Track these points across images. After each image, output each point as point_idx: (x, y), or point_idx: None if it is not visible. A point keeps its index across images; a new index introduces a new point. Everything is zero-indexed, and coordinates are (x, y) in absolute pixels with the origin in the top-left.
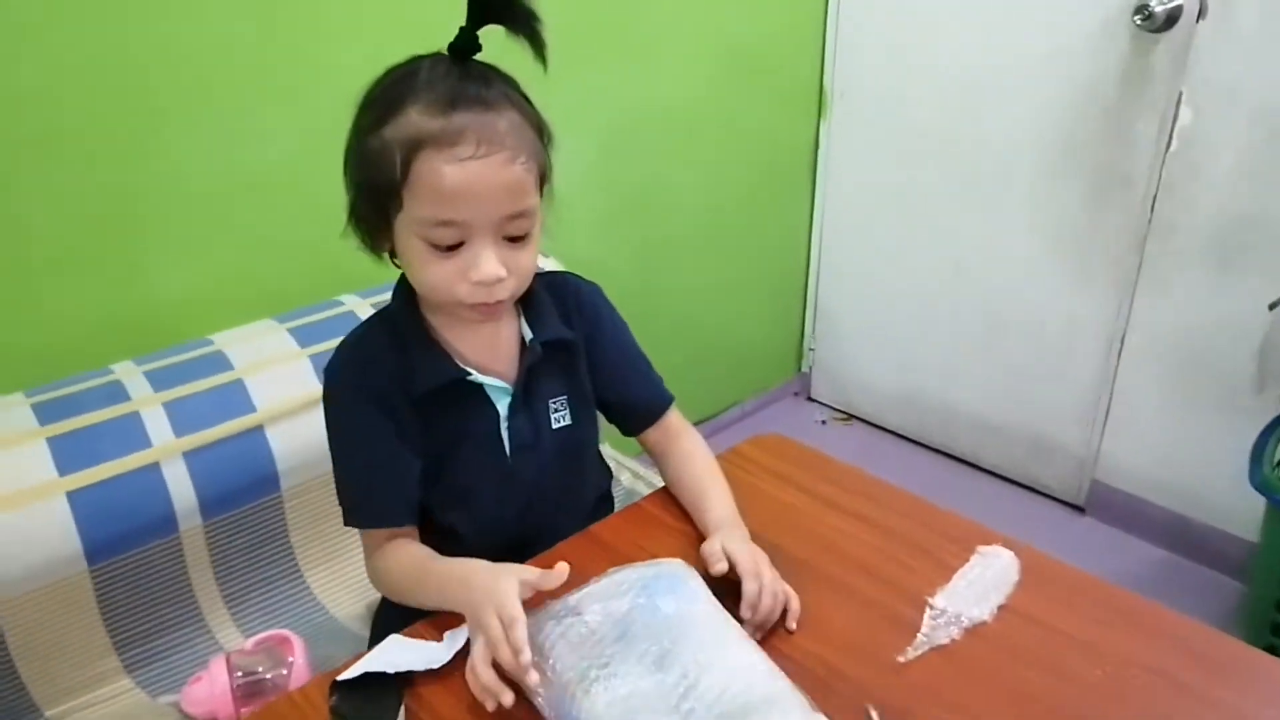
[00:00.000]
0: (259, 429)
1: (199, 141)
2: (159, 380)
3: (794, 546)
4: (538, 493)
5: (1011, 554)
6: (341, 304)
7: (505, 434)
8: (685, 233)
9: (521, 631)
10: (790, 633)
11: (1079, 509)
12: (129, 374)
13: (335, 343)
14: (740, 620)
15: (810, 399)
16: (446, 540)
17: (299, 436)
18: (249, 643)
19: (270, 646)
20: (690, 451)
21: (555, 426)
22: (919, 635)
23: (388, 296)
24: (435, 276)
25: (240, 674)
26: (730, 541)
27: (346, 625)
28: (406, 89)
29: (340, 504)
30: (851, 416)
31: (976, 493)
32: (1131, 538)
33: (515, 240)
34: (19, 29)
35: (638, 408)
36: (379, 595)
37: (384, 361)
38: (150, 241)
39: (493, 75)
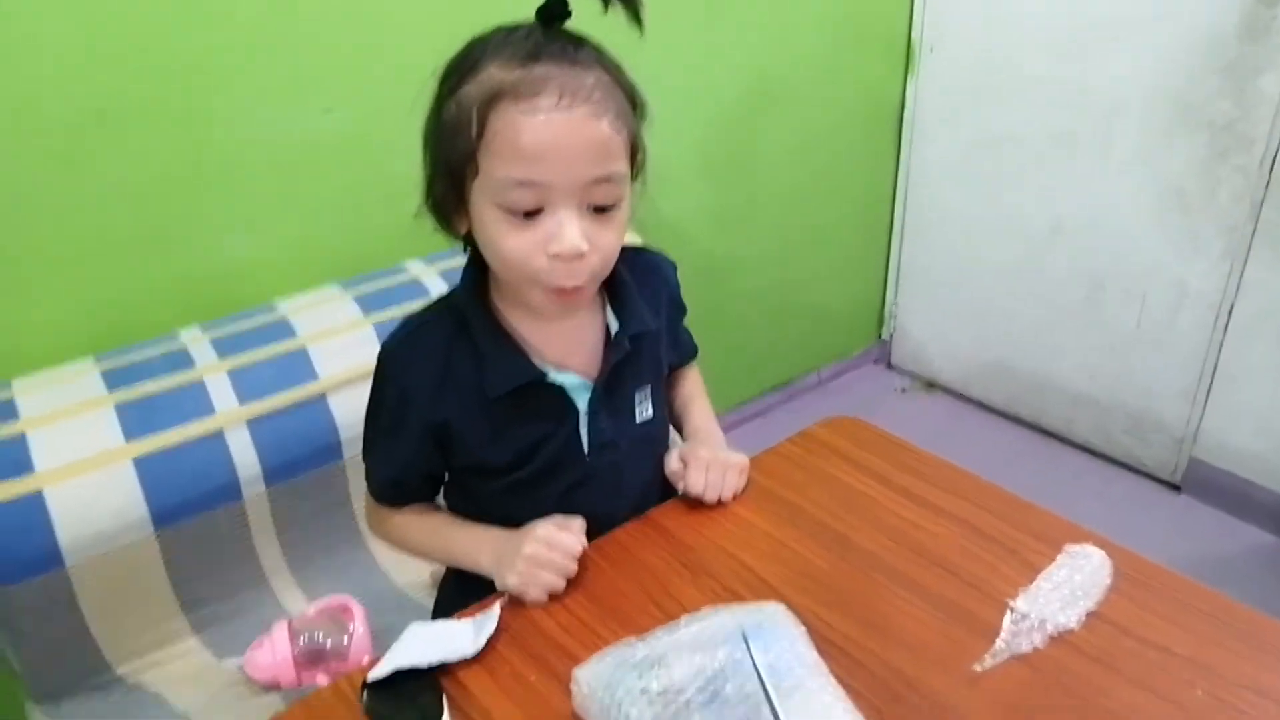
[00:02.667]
0: (322, 397)
1: (266, 107)
2: (224, 348)
3: (865, 539)
4: (613, 490)
5: (1103, 554)
6: (406, 270)
7: (585, 433)
8: (766, 193)
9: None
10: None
11: (1175, 488)
12: (195, 340)
13: (399, 310)
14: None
15: (890, 366)
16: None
17: (363, 404)
18: (311, 608)
19: (333, 612)
20: (683, 375)
21: (639, 420)
22: (998, 642)
23: (453, 262)
24: (512, 248)
25: (301, 640)
26: (689, 449)
27: (407, 593)
28: (485, 49)
29: (366, 476)
30: (933, 385)
31: (1065, 467)
32: (1231, 519)
33: (601, 211)
34: None
35: (675, 364)
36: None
37: (438, 364)
38: (217, 207)
39: (581, 38)
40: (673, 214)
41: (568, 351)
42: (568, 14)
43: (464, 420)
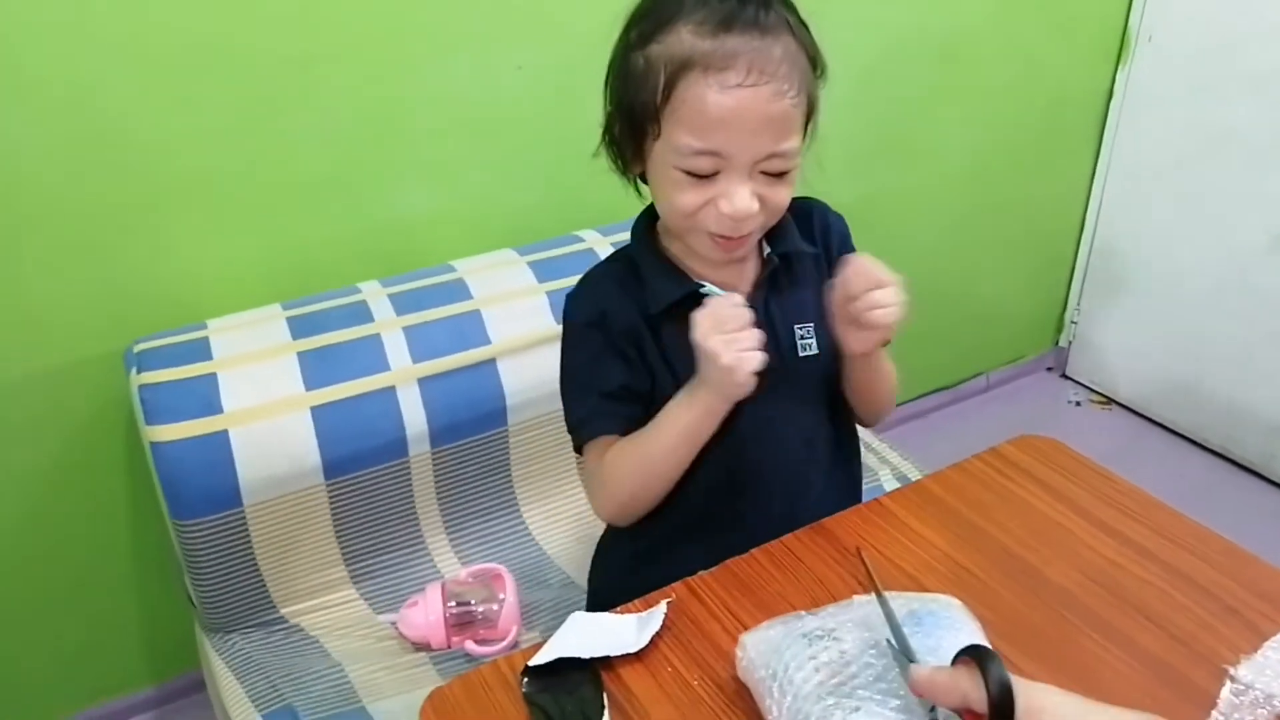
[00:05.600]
0: (492, 362)
1: (458, 62)
2: (401, 304)
3: (1058, 574)
4: (778, 424)
5: None
6: (581, 240)
7: None
8: (943, 179)
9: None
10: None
11: None
12: (375, 295)
13: (573, 279)
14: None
15: (1065, 376)
16: None
17: (530, 372)
18: (464, 573)
19: (485, 578)
20: None
21: (802, 354)
22: (1214, 715)
23: (626, 235)
24: (684, 202)
25: (454, 603)
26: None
27: (557, 563)
28: (678, 4)
29: (569, 429)
30: (1111, 401)
31: (1258, 505)
32: None
33: (773, 175)
34: None
35: None
36: (595, 540)
37: (614, 288)
38: (403, 161)
39: (774, 2)
40: (838, 194)
41: (725, 278)
42: None
43: (641, 344)
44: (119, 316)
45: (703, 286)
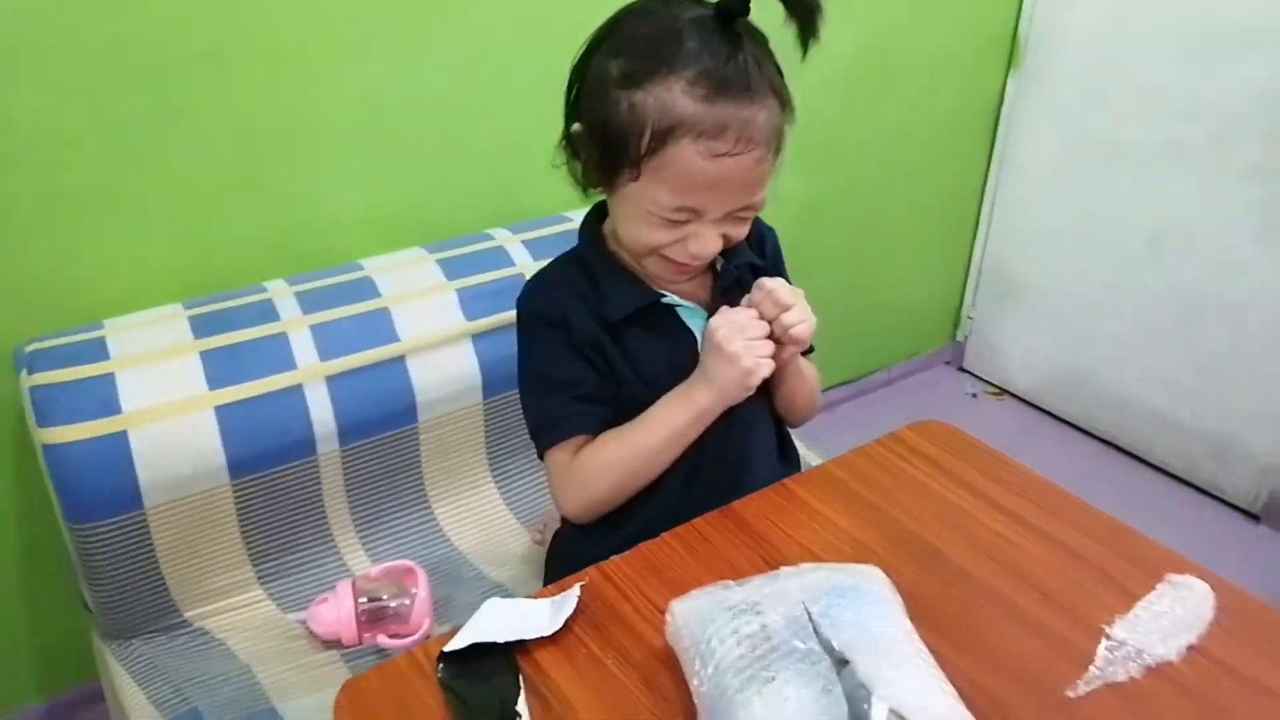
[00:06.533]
0: (401, 359)
1: (366, 69)
2: (309, 302)
3: (956, 552)
4: (732, 417)
5: (1206, 587)
6: (492, 238)
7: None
8: (849, 182)
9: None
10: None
11: (1254, 517)
12: (281, 293)
13: (483, 277)
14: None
15: (962, 369)
16: None
17: (440, 370)
18: (375, 570)
19: (396, 575)
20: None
21: None
22: (1092, 669)
23: (538, 232)
24: (653, 240)
25: (365, 599)
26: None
27: (469, 559)
28: (671, 53)
29: (531, 433)
30: (1004, 392)
31: (1139, 489)
32: None
33: (738, 219)
34: None
35: None
36: (507, 532)
37: (572, 292)
38: (313, 160)
39: (760, 52)
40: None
41: (681, 286)
42: (747, 10)
43: (603, 350)
44: (8, 317)
45: (664, 296)
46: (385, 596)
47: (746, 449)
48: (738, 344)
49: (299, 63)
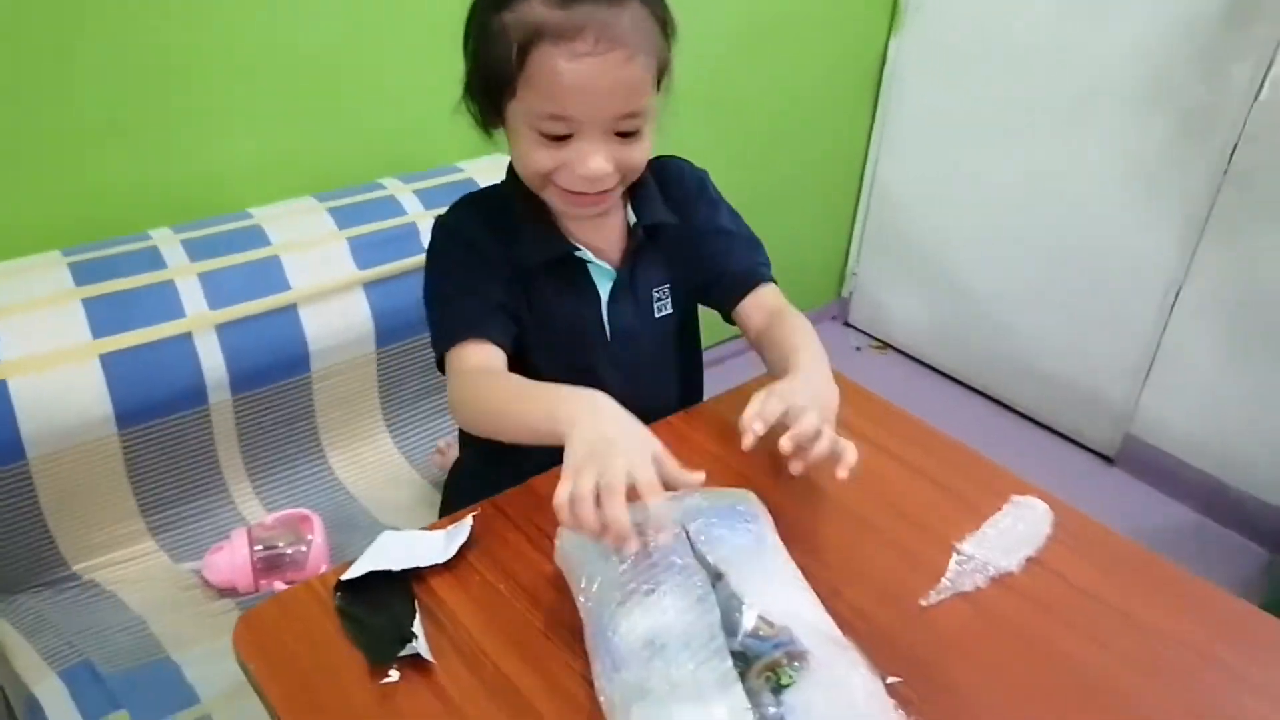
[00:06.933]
0: (292, 308)
1: (250, 13)
2: (196, 250)
3: (824, 480)
4: (636, 377)
5: (1046, 507)
6: (383, 187)
7: (606, 317)
8: (741, 136)
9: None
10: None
11: (1109, 460)
12: (167, 241)
13: (374, 226)
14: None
15: (847, 324)
16: None
17: (333, 318)
18: (270, 518)
19: (291, 522)
20: (791, 325)
21: (658, 315)
22: (943, 580)
23: (430, 182)
24: (538, 161)
25: (260, 547)
26: (785, 383)
27: (365, 507)
28: None
29: (433, 340)
30: (887, 346)
31: (1007, 435)
32: (1160, 495)
33: (625, 136)
34: None
35: (730, 278)
36: (401, 483)
37: (486, 228)
38: (195, 110)
39: None
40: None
41: (597, 240)
42: None
43: (512, 289)
44: None
45: (577, 250)
46: (281, 544)
47: (651, 400)
48: (586, 476)
49: (178, 7)
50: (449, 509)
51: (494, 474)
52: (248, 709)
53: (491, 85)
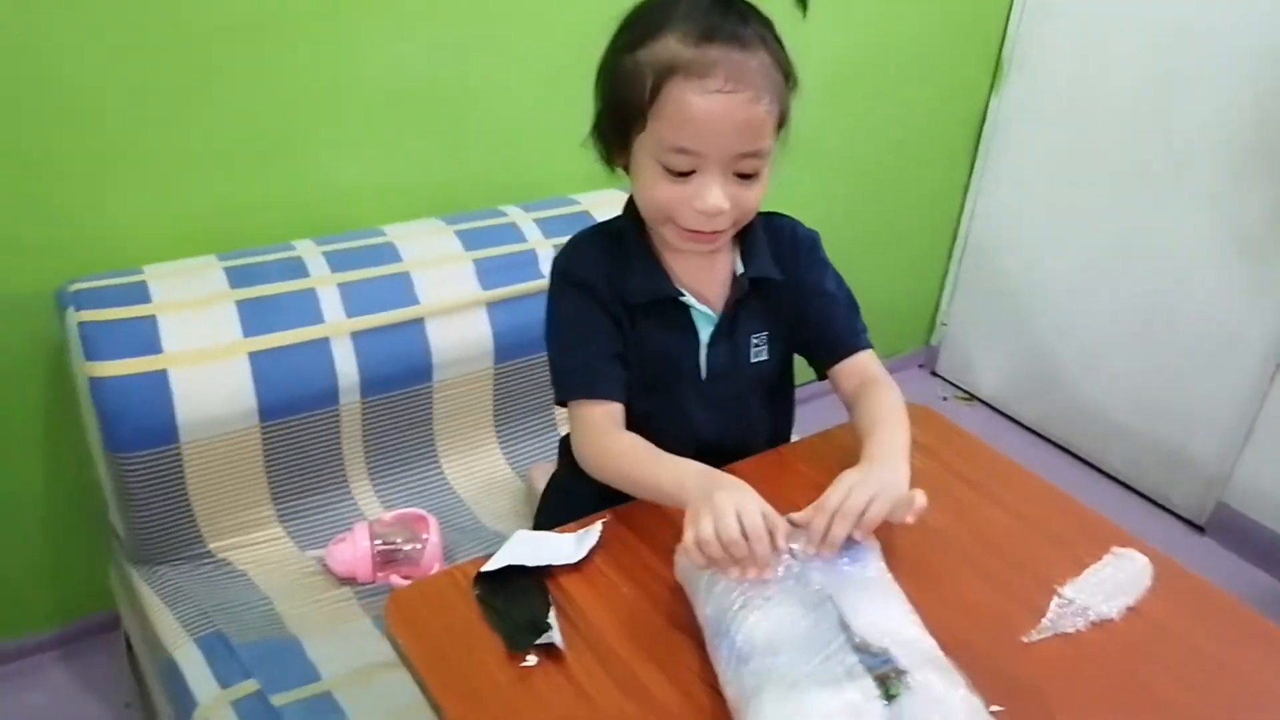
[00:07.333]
0: (420, 321)
1: (392, 44)
2: (336, 262)
3: (931, 515)
4: (726, 416)
5: (1146, 559)
6: (505, 214)
7: (704, 360)
8: (836, 178)
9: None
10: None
11: (1199, 528)
12: (310, 252)
13: (497, 250)
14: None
15: (934, 373)
16: None
17: (456, 334)
18: (388, 515)
19: (408, 521)
20: (880, 397)
21: (753, 360)
22: (1044, 620)
23: (548, 212)
24: (661, 197)
25: (379, 541)
26: (849, 473)
27: (473, 512)
28: (666, 17)
29: (554, 383)
30: (974, 397)
31: (1089, 494)
32: (1250, 566)
33: (744, 177)
34: None
35: (830, 341)
36: (506, 490)
37: (601, 264)
38: (335, 135)
39: (751, 14)
40: None
41: (703, 284)
42: None
43: (620, 325)
44: (50, 259)
45: (682, 294)
46: (399, 540)
47: (739, 438)
48: (704, 520)
49: (327, 34)
50: (546, 516)
51: (589, 488)
52: (366, 689)
53: (622, 119)
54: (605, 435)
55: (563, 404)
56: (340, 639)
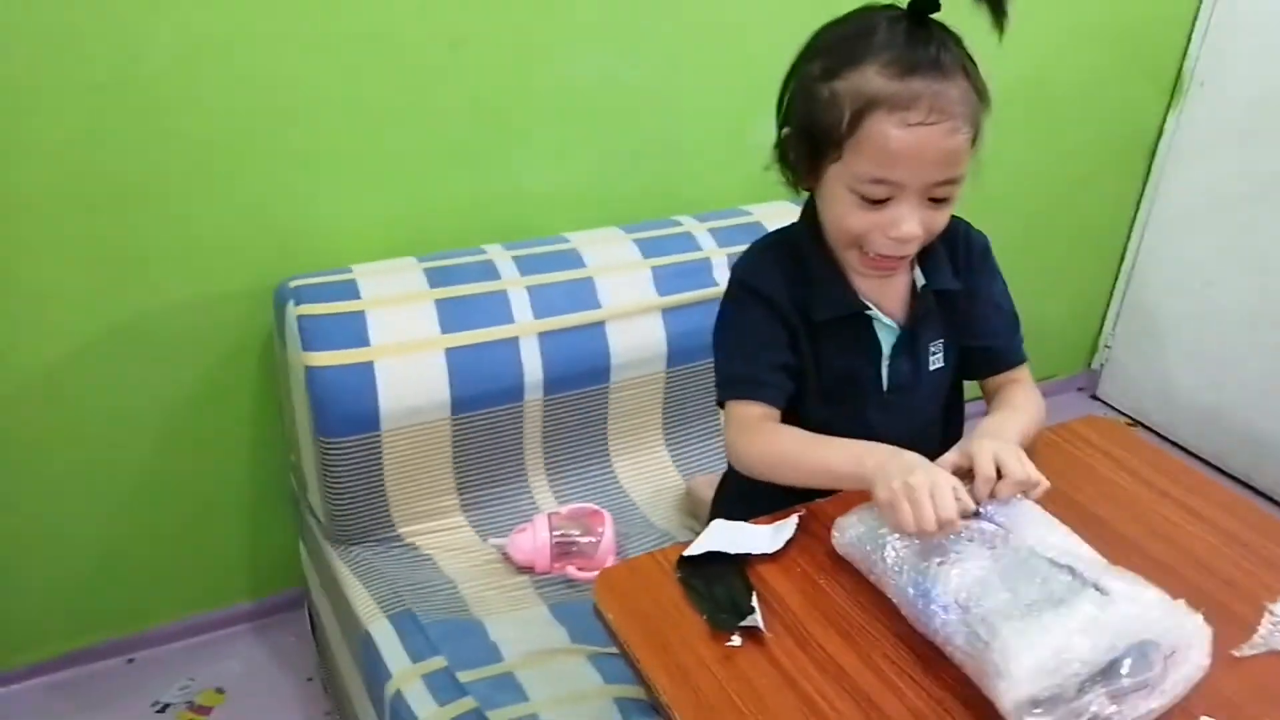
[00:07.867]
0: (601, 324)
1: (581, 59)
2: (525, 266)
3: (1121, 524)
4: (906, 426)
5: None
6: (679, 224)
7: (885, 371)
8: (1000, 194)
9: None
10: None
11: None
12: (500, 256)
13: (675, 258)
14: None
15: (1095, 397)
16: None
17: (633, 338)
18: (565, 509)
19: (583, 515)
20: (1021, 398)
21: (932, 368)
22: (1256, 635)
23: (722, 222)
24: (855, 225)
25: (558, 533)
26: (975, 441)
27: (640, 510)
28: (864, 46)
29: (717, 384)
30: (1137, 423)
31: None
32: None
33: (937, 201)
34: None
35: (992, 354)
36: (673, 491)
37: (783, 277)
38: (522, 144)
39: (949, 40)
40: None
41: (882, 298)
42: (938, 7)
43: (796, 338)
44: (269, 256)
45: (868, 309)
46: (575, 533)
47: (916, 446)
48: (896, 485)
49: (524, 50)
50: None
51: (768, 489)
52: (545, 672)
53: (816, 146)
54: (764, 430)
55: (722, 404)
56: (520, 624)
